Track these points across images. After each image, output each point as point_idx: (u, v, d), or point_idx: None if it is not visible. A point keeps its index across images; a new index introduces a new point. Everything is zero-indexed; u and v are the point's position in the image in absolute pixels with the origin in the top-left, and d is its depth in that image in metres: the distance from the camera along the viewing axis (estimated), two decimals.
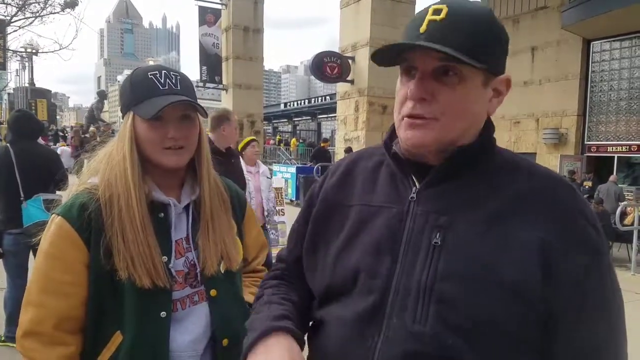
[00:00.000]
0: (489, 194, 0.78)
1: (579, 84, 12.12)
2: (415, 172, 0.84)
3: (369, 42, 10.33)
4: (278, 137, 28.22)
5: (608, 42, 11.88)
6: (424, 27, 0.75)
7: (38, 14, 15.20)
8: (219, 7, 16.58)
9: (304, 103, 33.14)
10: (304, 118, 34.16)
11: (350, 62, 10.81)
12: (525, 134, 13.11)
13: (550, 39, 12.39)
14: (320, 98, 31.41)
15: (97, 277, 1.05)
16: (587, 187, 10.83)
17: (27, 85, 26.44)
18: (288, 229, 4.30)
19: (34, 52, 21.81)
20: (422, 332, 0.73)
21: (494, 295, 0.72)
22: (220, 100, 18.26)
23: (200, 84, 16.69)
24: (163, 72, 1.11)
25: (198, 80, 16.58)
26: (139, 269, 1.04)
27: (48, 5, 15.13)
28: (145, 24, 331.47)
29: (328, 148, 14.94)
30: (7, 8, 15.34)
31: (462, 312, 0.72)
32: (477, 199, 0.78)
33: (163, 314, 1.08)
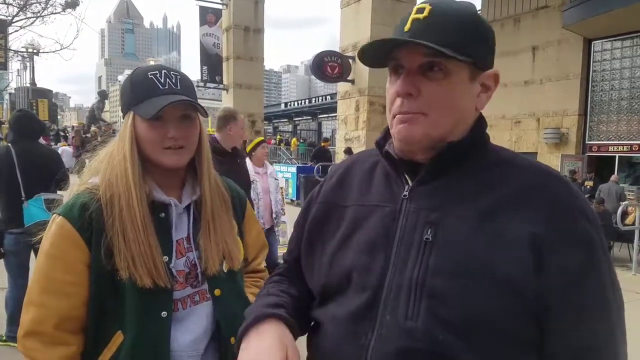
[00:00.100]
0: (481, 190, 0.78)
1: (580, 84, 12.11)
2: (408, 170, 0.85)
3: (370, 41, 10.33)
4: (278, 136, 28.22)
5: (609, 41, 11.87)
6: (408, 25, 0.78)
7: (39, 14, 15.24)
8: (220, 7, 16.58)
9: (305, 103, 33.14)
10: (305, 118, 34.16)
11: (351, 61, 10.80)
12: (526, 134, 13.10)
13: (551, 39, 12.38)
14: (321, 98, 31.41)
15: (98, 277, 1.05)
16: (588, 187, 10.83)
17: (28, 85, 26.45)
18: (289, 229, 4.29)
19: (35, 52, 21.84)
20: (414, 328, 0.74)
21: (486, 290, 0.72)
22: (221, 100, 18.26)
23: (201, 84, 16.70)
24: (163, 71, 1.11)
25: (199, 80, 16.58)
26: (140, 269, 1.04)
27: (49, 6, 15.18)
28: (146, 24, 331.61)
29: (329, 148, 14.94)
30: (8, 8, 15.39)
31: (453, 307, 0.72)
32: (468, 195, 0.78)
33: (164, 314, 1.08)
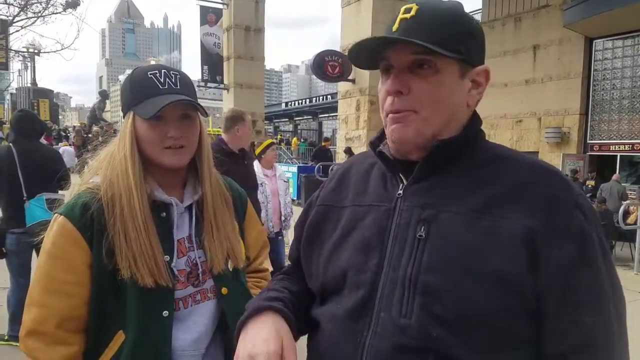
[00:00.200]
0: (475, 187, 0.79)
1: (582, 83, 12.09)
2: (403, 170, 0.85)
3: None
4: (279, 136, 28.23)
5: (610, 40, 11.85)
6: (396, 25, 0.79)
7: (40, 14, 15.24)
8: (220, 6, 16.60)
9: (305, 102, 33.13)
10: (305, 117, 34.16)
11: None
12: (528, 133, 13.08)
13: (553, 38, 12.36)
14: (322, 97, 31.41)
15: (99, 276, 1.05)
16: (590, 186, 10.81)
17: (29, 86, 26.49)
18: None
19: (36, 52, 21.87)
20: (408, 325, 0.74)
21: (479, 287, 0.72)
22: (222, 100, 18.27)
23: (202, 84, 16.71)
24: (163, 71, 1.11)
25: (199, 80, 16.60)
26: (142, 268, 1.04)
27: (50, 5, 15.18)
28: (147, 24, 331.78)
29: (329, 147, 14.94)
30: (9, 8, 15.40)
31: (446, 303, 0.73)
32: (462, 192, 0.79)
33: (165, 313, 1.08)
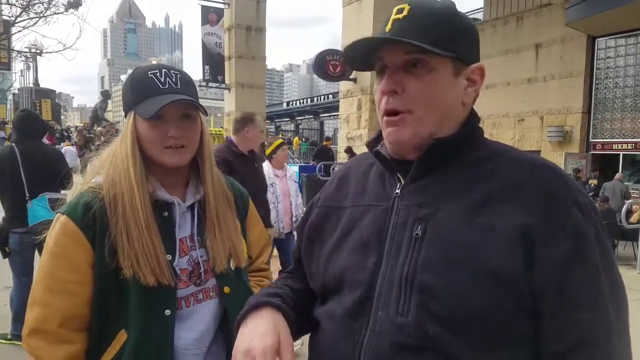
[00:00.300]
0: (472, 184, 0.79)
1: (584, 81, 12.05)
2: (401, 169, 0.85)
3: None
4: (280, 135, 28.26)
5: (613, 38, 11.81)
6: (389, 26, 0.80)
7: (42, 14, 15.22)
8: (222, 6, 16.60)
9: (307, 102, 33.13)
10: (307, 117, 34.15)
11: None
12: (530, 132, 13.05)
13: (555, 36, 12.32)
14: (323, 97, 31.40)
15: (101, 275, 1.05)
16: (592, 185, 10.78)
17: (31, 86, 26.53)
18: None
19: (38, 52, 21.89)
20: (405, 323, 0.75)
21: (475, 284, 0.72)
22: (223, 100, 18.29)
23: (203, 84, 16.72)
24: (163, 70, 1.11)
25: (201, 80, 16.62)
26: (144, 267, 1.04)
27: (52, 6, 15.16)
28: (148, 24, 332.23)
29: (331, 147, 14.94)
30: (11, 9, 15.38)
31: (443, 301, 0.73)
32: (458, 190, 0.79)
33: (167, 312, 1.08)
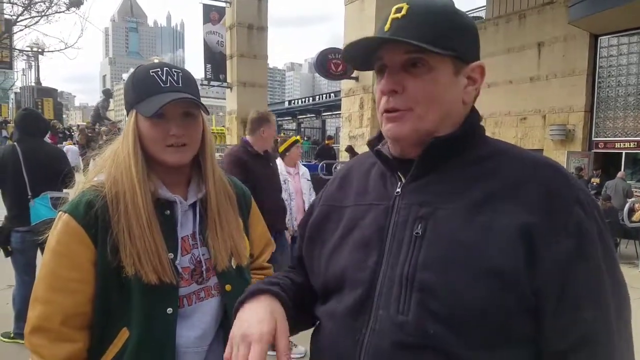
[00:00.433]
0: (472, 183, 0.79)
1: (586, 80, 12.02)
2: (402, 168, 0.85)
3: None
4: (282, 134, 28.25)
5: (616, 37, 11.77)
6: (388, 25, 0.80)
7: (44, 13, 15.24)
8: (223, 4, 16.61)
9: (309, 101, 33.11)
10: (309, 116, 34.13)
11: None
12: (532, 130, 13.02)
13: (557, 35, 12.28)
14: (325, 95, 31.37)
15: (104, 273, 1.05)
16: (595, 183, 10.76)
17: (33, 85, 26.59)
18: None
19: (40, 51, 21.92)
20: (405, 322, 0.75)
21: (475, 283, 0.71)
22: (225, 99, 18.30)
23: (205, 82, 16.74)
24: (165, 69, 1.11)
25: (203, 79, 16.63)
26: (146, 266, 1.04)
27: (53, 4, 15.18)
28: (150, 23, 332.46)
29: (332, 145, 14.93)
30: (13, 7, 15.41)
31: (443, 300, 0.73)
32: (459, 188, 0.79)
33: (169, 310, 1.08)
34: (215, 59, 16.67)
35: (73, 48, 16.02)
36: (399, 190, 0.84)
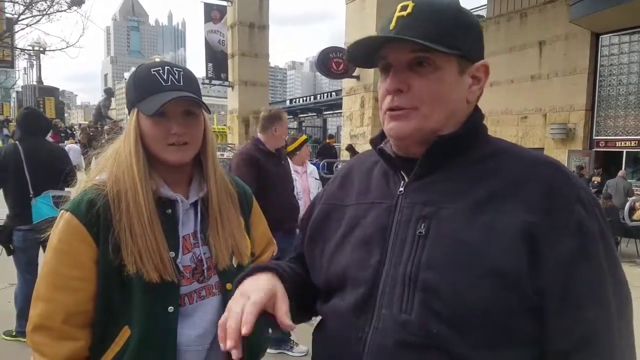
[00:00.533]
0: (475, 182, 0.78)
1: (588, 79, 12.00)
2: (404, 167, 0.85)
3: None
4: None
5: (617, 35, 11.75)
6: (393, 23, 0.80)
7: (45, 12, 15.24)
8: (225, 3, 16.60)
9: (310, 99, 33.07)
10: (310, 114, 34.11)
11: None
12: (533, 129, 13.01)
13: (559, 33, 12.27)
14: (326, 94, 31.34)
15: (105, 272, 1.06)
16: (596, 182, 10.75)
17: (35, 84, 26.58)
18: None
19: (42, 50, 21.92)
20: (408, 321, 0.75)
21: (478, 283, 0.71)
22: (226, 97, 18.30)
23: (207, 81, 16.74)
24: (166, 68, 1.11)
25: (204, 78, 16.63)
26: (147, 264, 1.05)
27: (55, 3, 15.18)
28: (151, 22, 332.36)
29: (334, 144, 14.92)
30: (14, 6, 15.41)
31: (446, 299, 0.73)
32: (462, 187, 0.79)
33: (171, 309, 1.09)
34: (217, 58, 16.67)
35: (74, 47, 16.04)
36: (402, 189, 0.83)
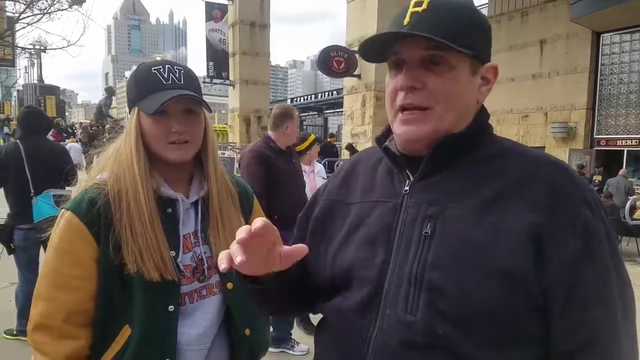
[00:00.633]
0: (481, 182, 0.78)
1: (589, 77, 11.98)
2: (410, 165, 0.85)
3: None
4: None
5: (618, 34, 11.72)
6: (407, 19, 0.78)
7: (46, 11, 15.23)
8: (226, 2, 16.58)
9: (311, 98, 33.06)
10: (311, 113, 34.09)
11: (357, 56, 10.75)
12: (534, 128, 12.99)
13: (560, 32, 12.24)
14: (327, 93, 31.33)
15: (106, 271, 1.06)
16: (597, 181, 10.73)
17: (36, 82, 26.60)
18: None
19: (43, 49, 21.92)
20: (413, 322, 0.74)
21: (484, 283, 0.71)
22: (227, 96, 18.29)
23: (207, 80, 16.73)
24: (167, 66, 1.11)
25: (205, 76, 16.62)
26: (148, 263, 1.05)
27: (56, 2, 15.17)
28: (152, 20, 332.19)
29: (335, 143, 14.91)
30: (15, 5, 15.42)
31: (452, 300, 0.73)
32: (468, 187, 0.78)
33: (171, 308, 1.09)
34: (218, 57, 16.65)
35: (75, 46, 16.05)
36: (407, 189, 0.83)
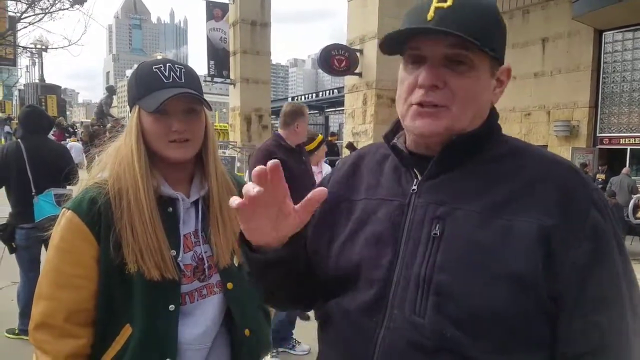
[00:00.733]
0: (490, 183, 0.77)
1: (591, 76, 11.95)
2: (417, 164, 0.83)
3: (377, 34, 10.24)
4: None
5: (620, 32, 11.69)
6: (431, 13, 0.74)
7: (47, 10, 15.25)
8: (227, 1, 16.57)
9: (312, 97, 33.07)
10: (312, 112, 34.08)
11: (358, 54, 10.74)
12: (537, 126, 12.96)
13: (561, 30, 12.21)
14: (328, 91, 31.33)
15: (107, 270, 1.06)
16: (600, 179, 10.71)
17: (37, 82, 26.65)
18: None
19: (44, 48, 21.94)
20: (421, 323, 0.74)
21: (493, 286, 0.70)
22: (228, 95, 18.30)
23: (208, 79, 16.73)
24: (168, 65, 1.11)
25: (206, 75, 16.61)
26: (148, 262, 1.04)
27: (57, 2, 15.19)
28: (153, 19, 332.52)
29: (336, 142, 14.90)
30: (17, 5, 15.44)
31: (460, 303, 0.72)
32: (477, 188, 0.77)
33: (172, 307, 1.08)
34: (219, 56, 16.65)
35: (77, 45, 16.04)
36: (415, 188, 0.81)
